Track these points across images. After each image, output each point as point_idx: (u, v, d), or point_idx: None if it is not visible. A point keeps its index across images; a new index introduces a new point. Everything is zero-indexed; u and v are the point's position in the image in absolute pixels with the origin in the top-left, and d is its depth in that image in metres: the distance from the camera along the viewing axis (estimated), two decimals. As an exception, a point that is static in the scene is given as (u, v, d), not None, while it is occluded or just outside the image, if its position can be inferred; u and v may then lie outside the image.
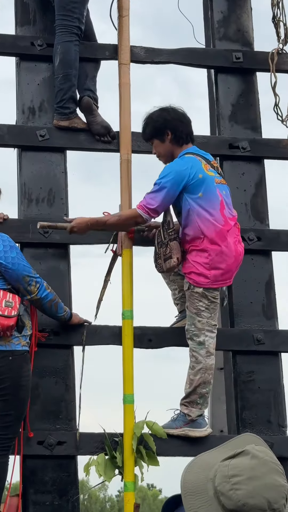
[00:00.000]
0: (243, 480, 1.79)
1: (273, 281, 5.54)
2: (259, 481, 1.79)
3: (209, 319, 4.95)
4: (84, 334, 5.14)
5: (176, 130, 5.08)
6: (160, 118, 5.12)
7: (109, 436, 4.97)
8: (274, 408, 5.28)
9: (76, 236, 5.35)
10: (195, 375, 4.95)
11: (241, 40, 6.08)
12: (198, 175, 4.94)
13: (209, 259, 4.92)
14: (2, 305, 4.61)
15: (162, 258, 5.01)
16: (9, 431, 4.64)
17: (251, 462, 1.82)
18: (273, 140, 5.83)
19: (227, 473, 1.81)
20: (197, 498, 1.84)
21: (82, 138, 5.58)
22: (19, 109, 5.65)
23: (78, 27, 5.52)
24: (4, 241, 4.79)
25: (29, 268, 4.81)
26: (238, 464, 1.82)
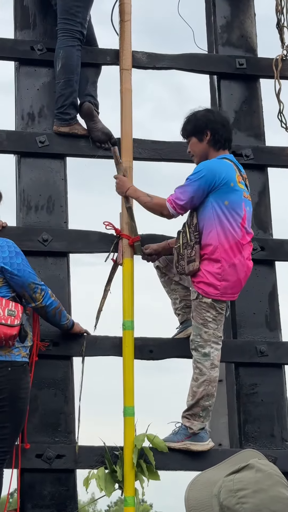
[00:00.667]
0: (249, 493, 1.79)
1: (276, 292, 5.45)
2: (265, 494, 1.79)
3: (215, 331, 4.87)
4: (84, 345, 5.05)
5: (216, 132, 5.02)
6: (203, 117, 5.06)
7: (109, 450, 4.88)
8: (278, 421, 5.19)
9: (76, 245, 5.27)
10: (198, 387, 4.85)
11: (244, 46, 5.99)
12: (230, 182, 4.87)
13: (221, 269, 4.84)
14: (5, 314, 4.52)
15: (186, 260, 4.91)
16: (5, 444, 4.53)
17: (256, 476, 1.82)
18: (277, 148, 5.74)
19: (233, 487, 1.81)
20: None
21: (82, 145, 5.49)
22: (18, 114, 5.56)
23: (80, 31, 5.43)
24: (10, 247, 4.71)
25: (34, 275, 4.73)
26: (243, 478, 1.82)
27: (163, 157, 5.59)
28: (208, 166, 4.89)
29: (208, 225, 4.86)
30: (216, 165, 4.91)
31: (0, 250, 4.67)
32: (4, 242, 4.72)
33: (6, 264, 4.63)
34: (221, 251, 4.83)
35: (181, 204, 4.88)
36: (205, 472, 1.96)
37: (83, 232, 5.34)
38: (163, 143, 5.61)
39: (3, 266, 4.62)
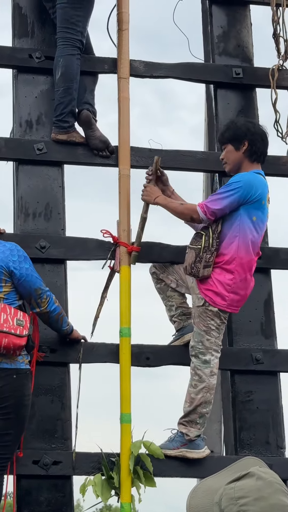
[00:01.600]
0: (250, 501, 1.80)
1: (272, 300, 5.48)
2: (265, 501, 1.80)
3: (217, 339, 4.91)
4: (81, 351, 5.06)
5: (254, 143, 5.00)
6: (243, 127, 5.04)
7: (106, 456, 4.90)
8: (273, 429, 5.22)
9: (73, 252, 5.29)
10: (197, 393, 4.88)
11: (241, 56, 6.03)
12: (262, 200, 4.89)
13: (233, 281, 4.88)
14: (14, 323, 4.52)
15: (203, 263, 4.88)
16: (7, 450, 4.54)
17: (257, 484, 1.83)
18: (272, 157, 5.77)
19: (234, 495, 1.82)
20: None
21: (80, 153, 5.51)
22: (16, 122, 5.58)
23: (80, 40, 5.47)
24: (19, 251, 4.73)
25: (40, 281, 4.76)
26: (244, 486, 1.83)
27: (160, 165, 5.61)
28: (247, 180, 4.87)
29: (232, 235, 4.87)
30: (254, 179, 4.89)
31: (10, 254, 4.68)
32: (13, 246, 4.75)
33: (16, 268, 4.65)
34: (237, 263, 4.87)
35: (213, 210, 4.85)
36: (206, 480, 1.97)
37: (80, 239, 5.36)
38: (160, 151, 5.63)
39: (13, 270, 4.64)
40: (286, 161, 5.78)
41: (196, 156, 5.70)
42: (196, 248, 4.92)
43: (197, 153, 5.76)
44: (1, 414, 4.47)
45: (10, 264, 4.64)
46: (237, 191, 4.82)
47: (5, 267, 4.63)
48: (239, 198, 4.82)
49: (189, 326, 5.17)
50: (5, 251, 4.69)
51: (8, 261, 4.64)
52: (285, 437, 5.23)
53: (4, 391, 4.47)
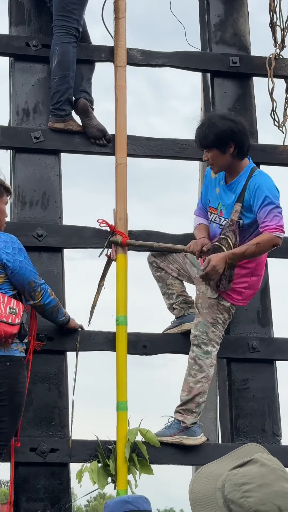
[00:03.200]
0: (254, 487, 1.81)
1: (268, 288, 5.50)
2: (269, 488, 1.81)
3: (220, 332, 4.96)
4: (78, 340, 5.08)
5: (241, 144, 4.81)
6: (226, 128, 4.77)
7: (102, 444, 4.92)
8: (269, 416, 5.24)
9: (70, 241, 5.30)
10: (196, 383, 4.90)
11: (238, 44, 6.03)
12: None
13: (250, 279, 4.93)
14: (6, 312, 4.51)
15: (227, 279, 4.78)
16: (3, 438, 4.55)
17: (261, 470, 1.84)
18: (269, 146, 5.79)
19: (237, 481, 1.83)
20: (206, 507, 1.86)
21: (77, 141, 5.51)
22: (13, 110, 5.58)
23: (76, 28, 5.46)
24: (14, 243, 4.70)
25: (35, 274, 4.73)
26: (247, 472, 1.84)
27: (157, 153, 5.62)
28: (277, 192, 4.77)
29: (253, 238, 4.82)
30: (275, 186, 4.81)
31: (4, 246, 4.66)
32: (9, 238, 4.72)
33: (9, 261, 4.63)
34: (257, 263, 4.92)
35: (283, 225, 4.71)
36: (209, 465, 1.99)
37: (77, 227, 5.37)
38: (157, 140, 5.64)
39: (6, 263, 4.62)
40: (283, 150, 5.78)
41: (193, 145, 5.66)
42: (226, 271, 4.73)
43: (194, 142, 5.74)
44: None
45: (3, 256, 4.62)
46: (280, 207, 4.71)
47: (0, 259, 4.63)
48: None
49: (189, 316, 5.18)
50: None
51: (1, 253, 4.63)
52: (281, 425, 5.26)
53: None
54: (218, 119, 4.85)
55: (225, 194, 4.92)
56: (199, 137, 4.85)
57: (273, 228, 4.63)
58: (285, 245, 5.46)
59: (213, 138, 4.77)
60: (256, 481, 1.82)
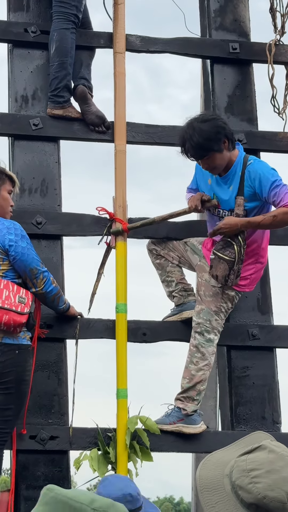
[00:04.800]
0: (262, 473, 1.83)
1: (268, 276, 5.48)
2: (277, 474, 1.83)
3: (222, 321, 4.96)
4: (78, 327, 5.06)
5: (231, 135, 4.84)
6: (214, 128, 4.76)
7: (102, 431, 4.91)
8: (269, 404, 5.24)
9: (70, 228, 5.28)
10: (198, 370, 4.89)
11: (237, 30, 6.00)
12: None
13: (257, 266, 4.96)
14: (16, 301, 4.49)
15: (235, 274, 4.82)
16: (8, 425, 4.55)
17: (269, 456, 1.85)
18: (269, 133, 5.76)
19: (246, 467, 1.85)
20: (214, 493, 1.88)
21: (76, 128, 5.49)
22: (12, 97, 5.55)
23: (75, 15, 5.43)
24: (16, 230, 4.67)
25: (37, 261, 4.70)
26: (256, 459, 1.86)
27: (156, 141, 5.60)
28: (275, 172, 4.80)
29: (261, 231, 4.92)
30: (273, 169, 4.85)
31: (7, 232, 4.63)
32: (12, 224, 4.69)
33: (11, 246, 4.60)
34: (265, 252, 5.00)
35: None
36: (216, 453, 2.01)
37: (76, 215, 5.35)
38: (156, 126, 5.61)
39: (8, 248, 4.60)
40: (283, 137, 5.75)
41: (193, 132, 5.67)
42: (230, 260, 4.78)
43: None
44: (2, 388, 4.47)
45: (6, 242, 4.60)
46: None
47: (1, 245, 4.60)
48: None
49: (189, 303, 5.18)
50: (2, 229, 4.64)
51: (4, 239, 4.60)
52: (281, 412, 5.25)
53: (6, 366, 4.46)
54: (201, 124, 4.79)
55: (220, 187, 4.92)
56: (194, 150, 4.78)
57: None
58: (285, 232, 5.47)
59: (208, 144, 4.74)
60: (265, 467, 1.84)
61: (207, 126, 4.76)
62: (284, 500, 1.81)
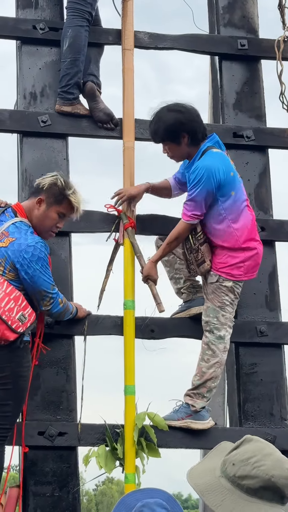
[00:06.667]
0: (261, 457, 1.93)
1: (276, 272, 5.48)
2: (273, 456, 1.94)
3: (231, 314, 4.94)
4: (86, 324, 5.07)
5: (193, 132, 4.86)
6: (174, 121, 4.83)
7: (110, 428, 4.92)
8: (277, 400, 5.24)
9: (78, 225, 5.28)
10: (208, 368, 4.90)
11: (246, 27, 5.99)
12: (230, 173, 4.85)
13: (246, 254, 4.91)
14: (16, 316, 4.42)
15: (195, 263, 4.97)
16: (7, 421, 4.56)
17: (258, 445, 1.97)
18: (278, 129, 5.76)
19: (242, 458, 1.95)
20: (216, 494, 1.95)
21: (85, 125, 5.50)
22: (20, 93, 5.56)
23: (89, 12, 5.44)
24: (35, 250, 4.53)
25: (48, 284, 4.59)
26: (248, 449, 1.97)
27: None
28: (207, 169, 4.77)
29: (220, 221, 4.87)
30: (213, 164, 4.79)
31: (25, 250, 4.52)
32: (34, 242, 4.56)
33: (23, 266, 4.50)
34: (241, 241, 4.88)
35: (199, 214, 4.83)
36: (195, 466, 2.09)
37: (85, 212, 5.32)
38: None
39: (19, 268, 4.51)
40: (291, 133, 5.74)
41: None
42: (182, 253, 5.06)
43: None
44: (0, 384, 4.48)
45: (19, 260, 4.50)
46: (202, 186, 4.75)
47: (13, 260, 4.51)
48: (210, 189, 4.77)
49: (197, 300, 5.18)
50: (22, 245, 4.54)
51: (18, 256, 4.51)
52: (289, 409, 5.25)
53: (1, 361, 4.46)
54: (165, 112, 4.90)
55: (187, 173, 5.00)
56: (151, 134, 4.96)
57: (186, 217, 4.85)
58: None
59: (164, 133, 4.87)
60: (259, 452, 1.94)
61: (169, 116, 4.87)
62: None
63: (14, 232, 4.60)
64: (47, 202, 4.70)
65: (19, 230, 4.61)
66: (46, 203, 4.70)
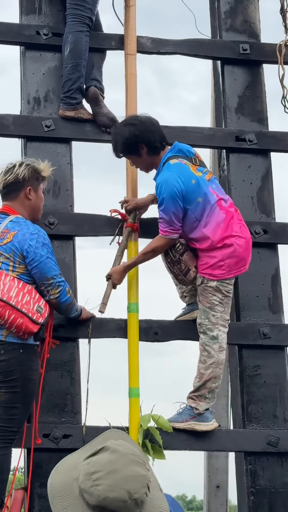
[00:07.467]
0: (103, 475, 1.83)
1: (279, 275, 5.51)
2: (118, 474, 1.84)
3: (222, 313, 4.95)
4: (90, 327, 5.11)
5: (149, 142, 4.96)
6: (129, 134, 4.96)
7: (114, 430, 4.94)
8: (280, 402, 5.27)
9: (82, 229, 5.32)
10: (206, 369, 4.93)
11: (248, 32, 6.04)
12: (191, 181, 4.89)
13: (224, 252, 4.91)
14: (34, 308, 4.51)
15: (181, 274, 5.03)
16: (14, 423, 4.59)
17: (111, 457, 1.86)
18: (280, 133, 5.80)
19: (89, 470, 1.86)
20: (64, 499, 1.89)
21: (88, 129, 5.54)
22: (24, 99, 5.60)
23: (90, 18, 5.48)
24: (39, 237, 4.66)
25: (55, 270, 4.68)
26: (98, 460, 1.87)
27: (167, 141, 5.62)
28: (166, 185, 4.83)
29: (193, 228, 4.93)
30: (170, 178, 4.85)
31: (30, 238, 4.63)
32: (36, 230, 4.69)
33: (29, 252, 4.60)
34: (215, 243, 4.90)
35: (175, 228, 4.89)
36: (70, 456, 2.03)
37: (89, 215, 5.40)
38: (167, 127, 5.63)
39: (26, 255, 4.60)
40: (293, 137, 5.78)
41: (203, 133, 5.72)
42: (166, 266, 5.12)
43: (204, 130, 5.77)
44: (8, 387, 4.52)
45: (25, 248, 4.60)
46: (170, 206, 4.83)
47: (20, 249, 4.61)
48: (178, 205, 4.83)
49: None
50: (25, 234, 4.65)
51: (24, 244, 4.61)
52: (292, 411, 5.28)
53: (11, 364, 4.50)
54: (121, 127, 5.06)
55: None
56: (113, 150, 5.09)
57: (164, 233, 4.91)
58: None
59: (122, 147, 5.01)
60: (106, 468, 1.85)
61: (125, 130, 5.00)
62: (125, 499, 1.82)
63: (14, 226, 4.70)
64: (34, 187, 4.88)
65: (18, 223, 4.72)
66: (34, 189, 4.87)
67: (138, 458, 1.89)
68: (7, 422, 4.56)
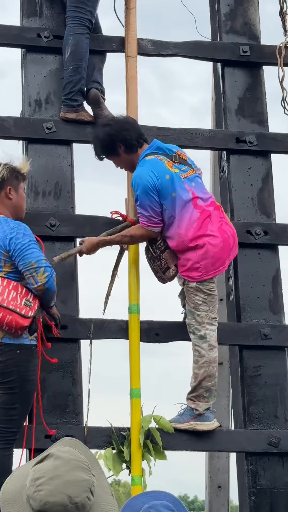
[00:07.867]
0: (45, 480, 1.93)
1: (279, 276, 5.53)
2: (60, 479, 1.93)
3: (207, 312, 4.96)
4: (91, 328, 5.13)
5: (125, 140, 5.03)
6: (105, 136, 5.05)
7: (116, 431, 4.98)
8: (281, 403, 5.28)
9: (83, 230, 5.34)
10: (199, 369, 4.95)
11: (248, 34, 6.06)
12: (165, 176, 4.93)
13: (197, 253, 4.92)
14: (21, 303, 4.53)
15: (160, 271, 5.07)
16: (13, 424, 4.61)
17: (54, 463, 1.96)
18: (280, 134, 5.82)
19: (34, 477, 1.95)
20: (14, 506, 1.98)
21: (89, 131, 5.55)
22: (25, 101, 5.63)
23: (89, 20, 5.51)
24: (19, 230, 4.65)
25: (39, 256, 4.61)
26: (42, 467, 1.96)
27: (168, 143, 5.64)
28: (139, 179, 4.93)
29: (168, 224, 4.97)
30: (142, 173, 4.93)
31: (10, 232, 4.63)
32: (16, 225, 4.69)
33: (11, 245, 4.59)
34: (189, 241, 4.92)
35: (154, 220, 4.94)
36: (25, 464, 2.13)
37: (90, 217, 5.42)
38: (168, 129, 5.68)
39: (9, 249, 4.59)
40: (294, 138, 5.80)
41: (204, 134, 5.74)
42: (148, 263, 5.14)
43: (205, 131, 5.79)
44: (7, 388, 4.54)
45: (7, 242, 4.60)
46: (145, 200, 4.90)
47: (3, 246, 4.61)
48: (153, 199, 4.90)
49: None
50: (5, 230, 4.65)
51: (5, 240, 4.61)
52: (293, 411, 5.30)
53: (8, 365, 4.52)
54: (99, 129, 5.18)
55: None
56: (94, 152, 5.20)
57: (144, 225, 4.98)
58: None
59: (101, 149, 5.13)
60: (48, 474, 1.94)
61: (101, 132, 5.10)
62: (65, 503, 1.90)
63: None
64: (14, 186, 4.88)
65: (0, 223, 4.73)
66: (14, 188, 4.88)
67: (83, 464, 1.97)
68: (6, 423, 4.59)
